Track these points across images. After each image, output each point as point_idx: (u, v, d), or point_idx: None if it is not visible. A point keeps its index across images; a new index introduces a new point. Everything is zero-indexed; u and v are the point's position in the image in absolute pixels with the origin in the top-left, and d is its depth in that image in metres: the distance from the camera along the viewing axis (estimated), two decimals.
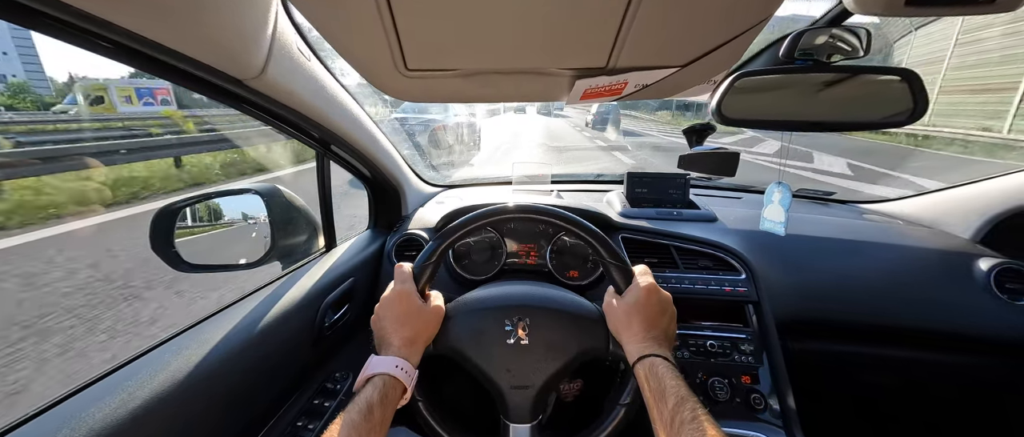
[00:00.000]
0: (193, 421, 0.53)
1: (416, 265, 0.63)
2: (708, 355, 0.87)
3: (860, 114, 0.57)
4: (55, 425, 0.41)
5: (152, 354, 0.53)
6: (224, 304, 0.69)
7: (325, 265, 0.88)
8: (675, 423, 0.43)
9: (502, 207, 0.66)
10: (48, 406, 0.44)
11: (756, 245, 1.00)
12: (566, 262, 1.04)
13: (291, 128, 0.69)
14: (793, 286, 0.94)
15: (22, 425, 0.41)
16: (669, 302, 0.60)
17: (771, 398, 0.81)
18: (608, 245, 0.64)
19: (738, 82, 0.56)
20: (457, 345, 0.63)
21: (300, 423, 0.72)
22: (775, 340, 0.86)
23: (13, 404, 1.75)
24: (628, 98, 0.44)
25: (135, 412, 0.45)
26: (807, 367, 0.92)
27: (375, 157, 0.93)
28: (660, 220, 1.10)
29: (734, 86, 0.57)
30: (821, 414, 0.90)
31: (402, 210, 1.17)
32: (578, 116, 39.64)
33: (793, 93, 0.60)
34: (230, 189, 0.84)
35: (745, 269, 0.94)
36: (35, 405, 0.44)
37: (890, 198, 1.29)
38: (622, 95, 0.43)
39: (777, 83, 0.59)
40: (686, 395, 0.46)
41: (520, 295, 0.67)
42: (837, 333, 0.95)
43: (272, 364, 0.67)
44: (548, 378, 0.62)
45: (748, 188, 1.46)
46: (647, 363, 0.51)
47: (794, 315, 0.92)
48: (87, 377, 0.48)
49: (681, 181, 1.23)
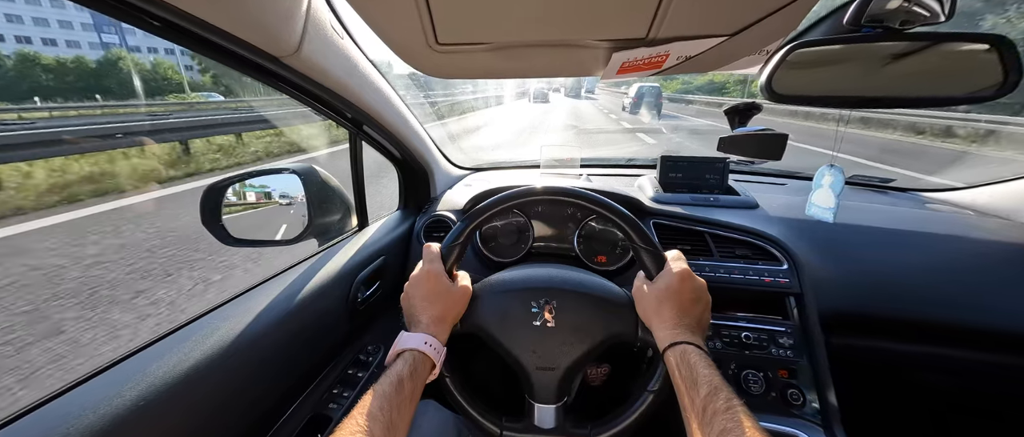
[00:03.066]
0: (243, 384, 0.57)
1: (444, 245, 0.64)
2: (742, 347, 0.83)
3: (936, 88, 0.50)
4: (122, 378, 0.46)
5: (203, 320, 0.57)
6: (266, 276, 0.73)
7: (358, 243, 0.91)
8: (707, 412, 0.42)
9: (531, 189, 0.65)
10: (117, 360, 0.48)
11: (801, 234, 0.94)
12: (594, 247, 1.02)
13: (325, 108, 0.71)
14: (841, 279, 0.88)
15: (96, 376, 0.46)
16: (703, 289, 0.58)
17: (810, 395, 0.77)
18: (639, 228, 0.61)
19: (793, 54, 0.51)
20: (483, 324, 0.64)
21: (335, 390, 0.77)
22: (818, 335, 0.81)
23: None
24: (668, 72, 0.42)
25: (188, 373, 0.49)
26: (851, 364, 0.86)
27: (406, 138, 0.94)
28: (695, 206, 1.05)
29: (787, 59, 0.52)
30: (864, 414, 0.85)
31: (431, 192, 1.19)
32: (607, 98, 38.35)
33: (856, 66, 0.54)
34: (271, 168, 0.88)
35: (788, 259, 0.89)
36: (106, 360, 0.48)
37: (959, 186, 1.16)
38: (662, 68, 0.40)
39: (838, 55, 0.53)
40: (719, 384, 0.44)
41: (547, 278, 0.67)
42: (888, 330, 0.88)
43: (310, 334, 0.71)
44: (573, 361, 0.61)
45: (794, 174, 1.37)
46: (678, 350, 0.50)
47: (840, 309, 0.86)
48: (148, 338, 0.52)
49: (719, 165, 1.17)
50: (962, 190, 1.16)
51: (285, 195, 0.95)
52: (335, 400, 0.75)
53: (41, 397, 0.42)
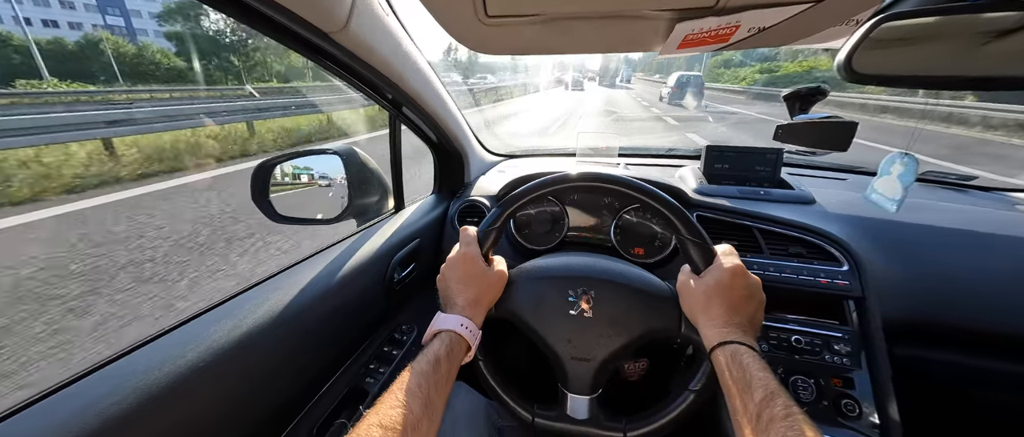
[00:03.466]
0: (292, 352, 0.59)
1: (481, 229, 0.64)
2: (792, 351, 0.78)
3: None
4: (184, 339, 0.49)
5: (255, 290, 0.60)
6: (309, 253, 0.76)
7: (394, 225, 0.92)
8: (763, 418, 0.39)
9: (571, 175, 0.63)
10: (178, 324, 0.52)
11: (864, 233, 0.86)
12: (631, 238, 0.98)
13: (368, 87, 0.71)
14: (910, 283, 0.80)
15: (161, 337, 0.49)
16: (758, 287, 0.54)
17: (867, 406, 0.71)
18: (687, 220, 0.58)
19: (880, 29, 0.45)
20: (518, 310, 0.63)
21: (371, 366, 0.79)
22: (880, 343, 0.74)
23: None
24: (736, 47, 0.38)
25: (242, 339, 0.52)
26: (915, 378, 0.79)
27: (444, 122, 0.94)
28: (743, 199, 0.98)
29: (873, 33, 0.46)
30: (927, 433, 0.77)
31: (465, 177, 1.19)
32: (642, 87, 37.04)
33: (956, 42, 0.47)
34: (314, 150, 0.90)
35: (848, 260, 0.81)
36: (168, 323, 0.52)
37: None
38: (729, 42, 0.37)
39: (935, 29, 0.46)
40: (777, 389, 0.41)
41: (585, 267, 0.65)
42: (963, 342, 0.79)
43: (350, 310, 0.73)
44: (610, 353, 0.59)
45: (855, 168, 1.25)
46: (729, 350, 0.47)
47: (906, 316, 0.78)
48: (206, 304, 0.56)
49: (772, 157, 1.08)
50: None
51: (326, 176, 0.99)
52: (371, 375, 0.78)
53: (111, 354, 0.46)
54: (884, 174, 0.65)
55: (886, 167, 0.65)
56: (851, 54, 0.47)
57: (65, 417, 0.38)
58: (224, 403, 0.50)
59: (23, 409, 0.38)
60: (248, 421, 0.55)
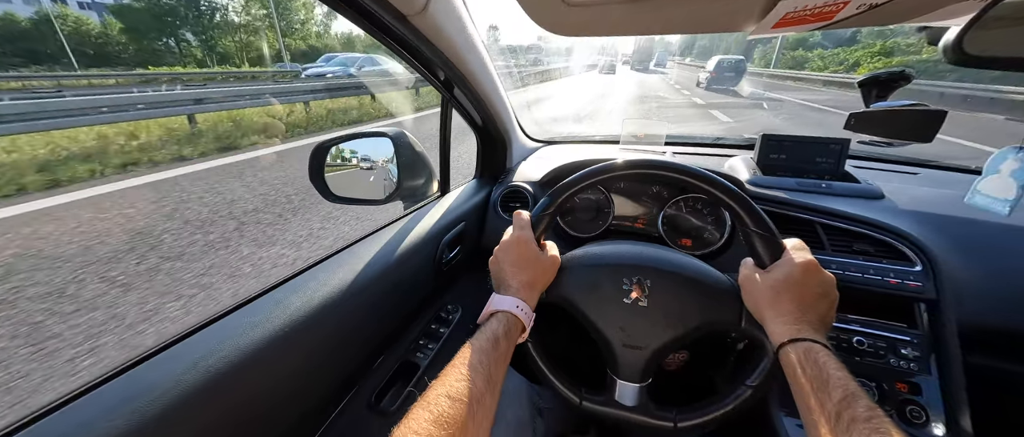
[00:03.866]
0: (357, 324, 0.63)
1: (534, 213, 0.64)
2: (852, 352, 0.74)
3: None
4: (268, 306, 0.52)
5: (323, 264, 0.64)
6: (367, 232, 0.79)
7: (442, 208, 0.94)
8: (843, 419, 0.37)
9: (627, 162, 0.62)
10: (258, 294, 0.56)
11: (939, 230, 0.79)
12: (679, 229, 0.96)
13: (425, 67, 0.72)
14: (994, 287, 0.73)
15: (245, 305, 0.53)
16: (832, 285, 0.51)
17: (935, 414, 0.67)
18: (754, 210, 0.56)
19: (1000, 5, 0.41)
20: (570, 296, 0.63)
21: (421, 341, 0.83)
22: (954, 349, 0.70)
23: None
24: (840, 25, 0.35)
25: (316, 310, 0.56)
26: (994, 389, 0.73)
27: (492, 105, 0.94)
28: (802, 192, 0.93)
29: (990, 12, 0.42)
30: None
31: (507, 162, 1.19)
32: (678, 71, 35.44)
33: None
34: (367, 132, 0.93)
35: (921, 259, 0.76)
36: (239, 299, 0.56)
37: None
38: (833, 20, 0.34)
39: None
40: (857, 390, 0.39)
41: (640, 255, 0.64)
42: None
43: (405, 288, 0.76)
44: (664, 344, 0.59)
45: (928, 162, 1.15)
46: (802, 347, 0.45)
47: (988, 323, 0.72)
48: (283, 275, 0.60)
49: (836, 148, 1.01)
50: None
51: (377, 158, 1.02)
52: (421, 350, 0.81)
53: (202, 320, 0.50)
54: (991, 172, 0.59)
55: (995, 164, 0.59)
56: (964, 33, 0.43)
57: (132, 396, 0.39)
58: (295, 377, 0.54)
59: (81, 395, 0.39)
60: (315, 389, 0.59)
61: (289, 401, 0.53)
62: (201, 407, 0.41)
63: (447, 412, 0.40)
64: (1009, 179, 0.56)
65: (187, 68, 28.53)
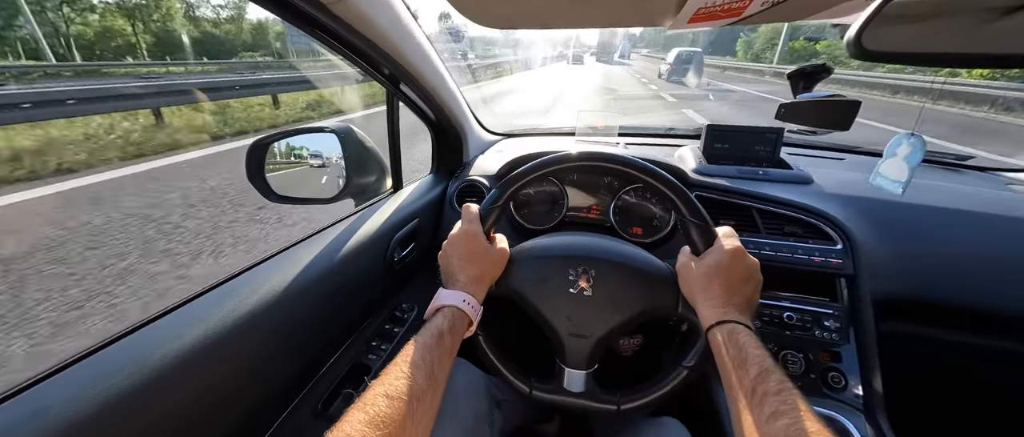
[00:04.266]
0: (292, 331, 0.60)
1: (483, 207, 0.64)
2: (783, 327, 0.80)
3: None
4: (182, 321, 0.49)
5: (255, 270, 0.60)
6: (309, 233, 0.76)
7: (393, 205, 0.92)
8: (757, 393, 0.40)
9: (573, 154, 0.63)
10: (177, 305, 0.52)
11: (859, 212, 0.87)
12: (630, 218, 0.99)
13: (364, 62, 0.69)
14: (901, 262, 0.82)
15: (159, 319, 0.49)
16: (756, 269, 0.55)
17: (853, 378, 0.74)
18: (689, 200, 0.58)
19: (890, 5, 0.44)
20: (519, 288, 0.64)
21: (374, 343, 0.81)
22: (869, 319, 0.77)
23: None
24: (748, 21, 0.37)
25: (243, 320, 0.52)
26: (904, 353, 0.82)
27: (442, 99, 0.92)
28: (742, 179, 0.99)
29: (883, 11, 0.45)
30: (908, 404, 0.81)
31: (463, 156, 1.17)
32: (641, 63, 36.67)
33: (965, 18, 0.46)
34: (311, 127, 0.89)
35: (843, 239, 0.83)
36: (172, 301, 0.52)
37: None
38: (742, 16, 0.36)
39: (944, 5, 0.46)
40: (771, 366, 0.42)
41: (587, 246, 0.65)
42: (952, 319, 0.82)
43: (351, 289, 0.74)
44: (608, 330, 0.61)
45: (854, 148, 1.25)
46: (726, 329, 0.48)
47: (896, 293, 0.80)
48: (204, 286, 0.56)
49: (771, 137, 1.08)
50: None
51: (323, 154, 0.97)
52: (374, 352, 0.79)
53: (112, 335, 0.46)
54: (890, 156, 0.66)
55: (892, 148, 0.65)
56: (862, 30, 0.46)
57: (58, 402, 0.37)
58: (227, 382, 0.51)
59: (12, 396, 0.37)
60: (253, 398, 0.56)
61: (215, 415, 0.50)
62: (112, 429, 0.38)
63: (384, 412, 0.39)
64: (903, 162, 0.63)
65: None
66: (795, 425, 0.36)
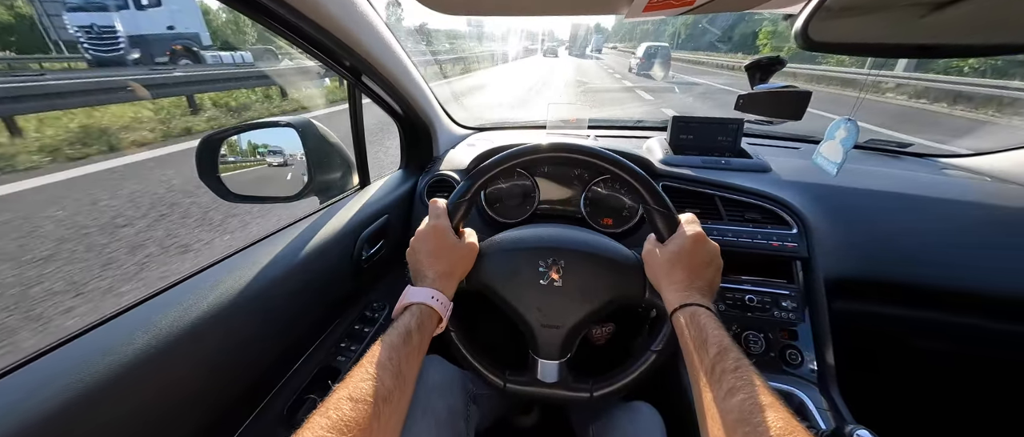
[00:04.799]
0: (250, 335, 0.57)
1: (451, 201, 0.63)
2: (745, 309, 0.84)
3: (1004, 34, 0.46)
4: (130, 327, 0.45)
5: (207, 272, 0.57)
6: (269, 231, 0.72)
7: (360, 201, 0.89)
8: (716, 371, 0.42)
9: (540, 146, 0.63)
10: (125, 309, 0.48)
11: (812, 198, 0.92)
12: (600, 209, 1.01)
13: (322, 53, 0.66)
14: (849, 244, 0.87)
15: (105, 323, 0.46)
16: (717, 253, 0.57)
17: (808, 354, 0.79)
18: (653, 189, 0.60)
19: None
20: (490, 282, 0.63)
21: (343, 344, 0.78)
22: (821, 298, 0.82)
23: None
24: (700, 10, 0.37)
25: (194, 325, 0.49)
26: (852, 329, 0.88)
27: (407, 92, 0.90)
28: (706, 169, 1.02)
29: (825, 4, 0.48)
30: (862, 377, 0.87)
31: (433, 151, 1.15)
32: (613, 58, 37.51)
33: (900, 12, 0.49)
34: (267, 121, 0.84)
35: (797, 223, 0.87)
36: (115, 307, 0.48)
37: (981, 151, 1.13)
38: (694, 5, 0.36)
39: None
40: (729, 345, 0.44)
41: (555, 237, 0.66)
42: (893, 295, 0.88)
43: (315, 289, 0.71)
44: (579, 320, 0.62)
45: (808, 138, 1.32)
46: (688, 312, 0.50)
47: (845, 274, 0.86)
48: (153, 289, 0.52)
49: (733, 127, 1.12)
50: (980, 156, 1.13)
51: (282, 150, 0.92)
52: (343, 353, 0.77)
53: (52, 341, 0.42)
54: (829, 138, 0.70)
55: (831, 132, 0.70)
56: (807, 22, 0.48)
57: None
58: (180, 388, 0.48)
59: None
60: (211, 404, 0.53)
61: (178, 416, 0.47)
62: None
63: (348, 415, 0.38)
64: (839, 145, 0.67)
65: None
66: (750, 399, 0.37)
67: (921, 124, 7.61)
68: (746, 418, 0.36)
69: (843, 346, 0.79)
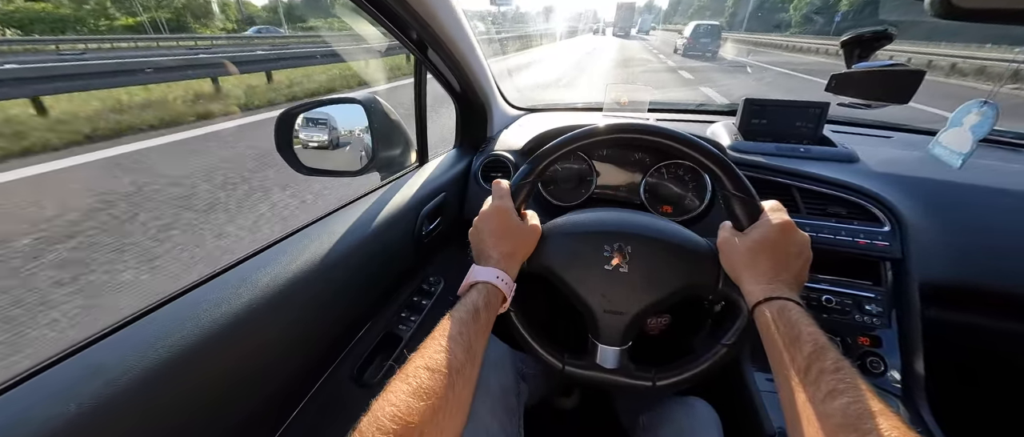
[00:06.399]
0: (333, 298, 0.61)
1: (514, 182, 0.62)
2: (821, 310, 0.78)
3: None
4: (227, 287, 0.50)
5: (294, 238, 0.61)
6: (339, 204, 0.76)
7: (420, 178, 0.91)
8: (812, 371, 0.39)
9: (606, 126, 0.60)
10: (224, 269, 0.53)
11: (910, 193, 0.82)
12: (660, 196, 0.96)
13: (394, 25, 0.66)
14: (952, 246, 0.77)
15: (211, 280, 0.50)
16: (807, 244, 0.52)
17: (892, 364, 0.72)
18: (733, 173, 0.55)
19: None
20: (552, 265, 0.63)
21: (404, 314, 0.82)
22: (915, 305, 0.73)
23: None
24: None
25: (288, 284, 0.53)
26: (947, 341, 0.78)
27: (470, 69, 0.89)
28: (781, 157, 0.94)
29: None
30: (956, 395, 0.78)
31: (488, 131, 1.15)
32: (660, 37, 35.68)
33: None
34: (338, 98, 0.87)
35: (890, 220, 0.78)
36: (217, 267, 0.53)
37: None
38: None
39: None
40: (826, 344, 0.41)
41: (621, 222, 0.63)
42: (1002, 307, 0.78)
43: (382, 260, 0.74)
44: (643, 308, 0.60)
45: (900, 126, 1.18)
46: (776, 305, 0.46)
47: (945, 279, 0.76)
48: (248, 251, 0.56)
49: (815, 112, 1.02)
50: None
51: (349, 126, 0.96)
52: (404, 322, 0.80)
53: (159, 299, 0.47)
54: (955, 125, 0.60)
55: (958, 117, 0.60)
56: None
57: (112, 360, 0.39)
58: (268, 348, 0.52)
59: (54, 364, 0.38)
60: (292, 365, 0.58)
61: (260, 377, 0.51)
62: (159, 389, 0.40)
63: (426, 383, 0.39)
64: (967, 132, 0.57)
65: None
66: (856, 403, 0.34)
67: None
68: (852, 423, 0.33)
69: (935, 359, 0.71)
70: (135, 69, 6.42)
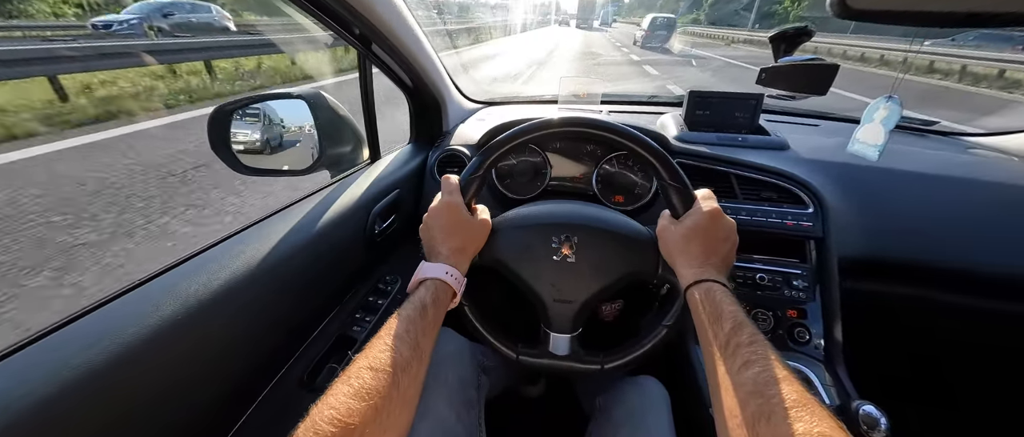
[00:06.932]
0: (271, 303, 0.59)
1: (463, 177, 0.62)
2: (755, 287, 0.84)
3: None
4: (158, 293, 0.47)
5: (227, 243, 0.58)
6: (282, 205, 0.72)
7: (372, 175, 0.89)
8: (730, 345, 0.42)
9: (553, 120, 0.62)
10: (149, 278, 0.49)
11: (831, 177, 0.90)
12: (612, 186, 0.99)
13: (333, 20, 0.64)
14: (867, 224, 0.86)
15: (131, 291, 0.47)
16: (733, 230, 0.56)
17: (816, 332, 0.79)
18: (669, 164, 0.58)
19: None
20: (502, 258, 0.64)
21: (358, 315, 0.80)
22: (834, 279, 0.81)
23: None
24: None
25: (218, 291, 0.51)
26: (862, 309, 0.87)
27: (418, 63, 0.87)
28: (722, 146, 1.00)
29: None
30: (870, 357, 0.87)
31: (443, 125, 1.13)
32: (622, 28, 36.54)
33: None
34: (277, 93, 0.83)
35: (814, 202, 0.86)
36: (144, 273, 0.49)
37: (1010, 130, 1.08)
38: None
39: None
40: (744, 320, 0.44)
41: (569, 213, 0.65)
42: (908, 276, 0.87)
43: (330, 261, 0.72)
44: (591, 295, 0.62)
45: (827, 114, 1.28)
46: (703, 287, 0.50)
47: (859, 254, 0.85)
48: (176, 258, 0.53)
49: (751, 103, 1.08)
50: (1009, 135, 1.09)
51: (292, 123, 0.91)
52: (358, 324, 0.79)
53: (81, 308, 0.43)
54: (868, 121, 0.66)
55: (870, 113, 0.66)
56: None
57: (39, 372, 0.37)
58: (202, 356, 0.50)
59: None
60: (234, 371, 0.55)
61: (192, 391, 0.49)
62: (74, 409, 0.37)
63: (368, 384, 0.39)
64: (879, 126, 0.64)
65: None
66: (764, 372, 0.38)
67: (946, 103, 7.29)
68: (760, 390, 0.36)
69: (852, 326, 0.80)
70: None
